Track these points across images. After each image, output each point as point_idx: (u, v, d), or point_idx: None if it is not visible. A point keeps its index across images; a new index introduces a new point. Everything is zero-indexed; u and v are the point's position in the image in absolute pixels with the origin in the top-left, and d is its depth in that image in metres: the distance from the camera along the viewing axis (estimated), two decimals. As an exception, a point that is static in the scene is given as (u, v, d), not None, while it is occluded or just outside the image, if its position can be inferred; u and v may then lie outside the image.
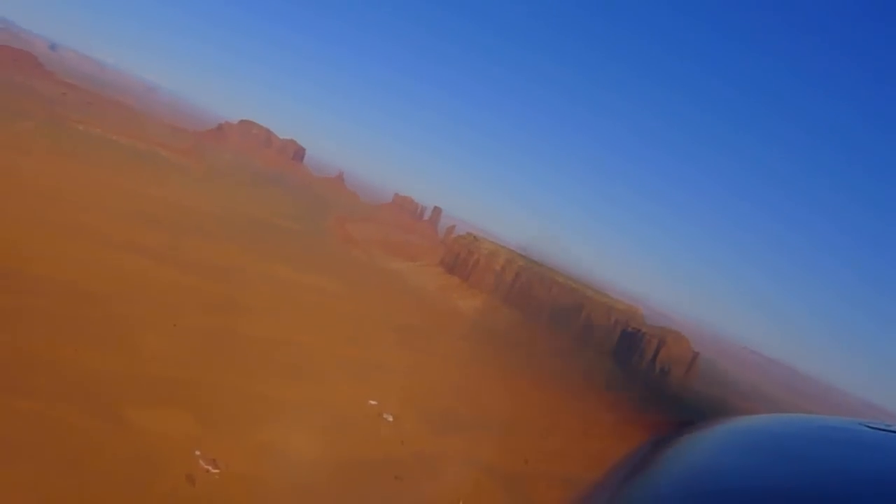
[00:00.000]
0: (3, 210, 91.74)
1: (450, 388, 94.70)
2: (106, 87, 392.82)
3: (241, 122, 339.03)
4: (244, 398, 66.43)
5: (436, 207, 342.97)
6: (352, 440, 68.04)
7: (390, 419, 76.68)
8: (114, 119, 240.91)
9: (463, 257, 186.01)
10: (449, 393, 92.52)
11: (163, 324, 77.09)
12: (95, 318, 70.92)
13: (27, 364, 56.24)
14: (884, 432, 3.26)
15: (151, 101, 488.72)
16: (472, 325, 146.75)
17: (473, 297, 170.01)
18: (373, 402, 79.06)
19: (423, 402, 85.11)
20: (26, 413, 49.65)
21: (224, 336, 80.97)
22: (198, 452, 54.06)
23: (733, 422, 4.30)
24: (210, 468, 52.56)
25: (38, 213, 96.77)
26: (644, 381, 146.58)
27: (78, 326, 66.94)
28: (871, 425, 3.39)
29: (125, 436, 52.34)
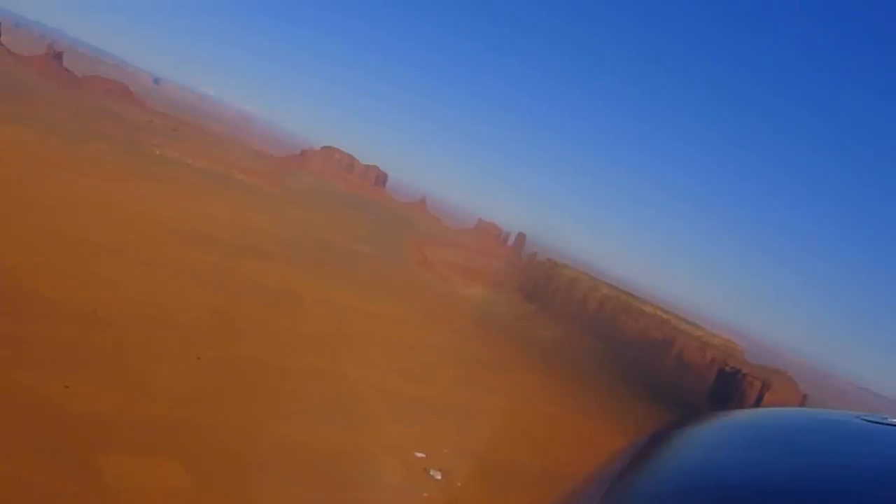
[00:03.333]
0: (35, 228, 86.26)
1: (515, 434, 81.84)
2: (201, 116, 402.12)
3: (324, 147, 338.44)
4: (257, 445, 56.18)
5: (520, 233, 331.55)
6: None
7: (438, 477, 64.61)
8: (196, 144, 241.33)
9: (542, 284, 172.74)
10: (513, 440, 79.69)
11: (184, 354, 68.28)
12: (104, 347, 62.67)
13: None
14: (880, 425, 3.26)
15: (244, 129, 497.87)
16: (549, 358, 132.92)
17: (552, 327, 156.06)
18: (419, 455, 67.32)
19: (484, 453, 72.54)
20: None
21: (255, 369, 71.44)
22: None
23: (729, 416, 4.07)
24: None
25: (74, 232, 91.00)
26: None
27: (78, 357, 58.72)
28: (867, 418, 3.38)
29: (91, 493, 42.80)
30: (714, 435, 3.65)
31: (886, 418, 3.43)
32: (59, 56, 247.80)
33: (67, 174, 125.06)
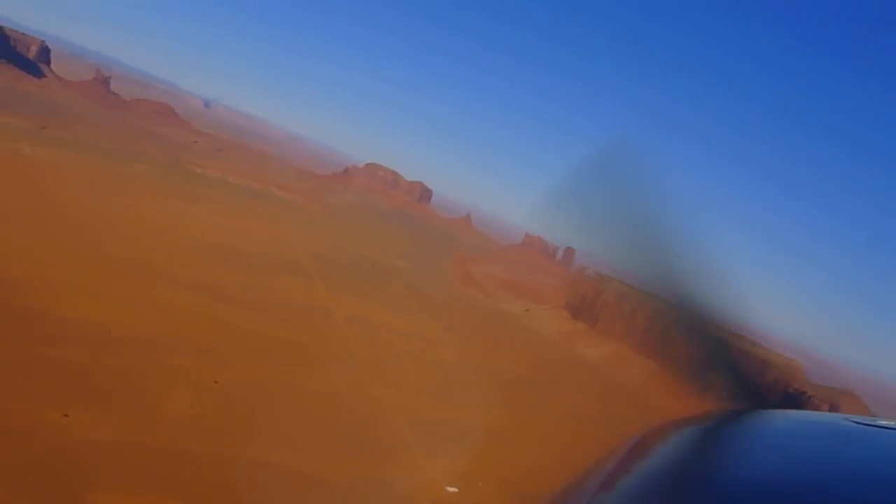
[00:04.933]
0: (58, 247, 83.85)
1: (558, 462, 75.00)
2: (248, 136, 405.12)
3: (368, 164, 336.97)
4: (269, 480, 51.34)
5: (569, 247, 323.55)
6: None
7: (470, 516, 58.83)
8: (239, 163, 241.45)
9: (590, 299, 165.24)
10: (557, 468, 72.85)
11: (200, 378, 64.03)
12: (113, 371, 58.85)
13: (-11, 432, 44.19)
14: (868, 427, 3.33)
15: (291, 148, 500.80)
16: (597, 378, 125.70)
17: (601, 344, 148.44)
18: (451, 490, 61.43)
19: (522, 485, 66.27)
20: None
21: (275, 393, 66.77)
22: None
23: (717, 417, 4.18)
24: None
25: (99, 250, 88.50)
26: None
27: (83, 382, 54.88)
28: (855, 420, 3.44)
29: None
30: (702, 436, 3.66)
31: (875, 420, 3.39)
32: (106, 81, 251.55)
33: (103, 193, 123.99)
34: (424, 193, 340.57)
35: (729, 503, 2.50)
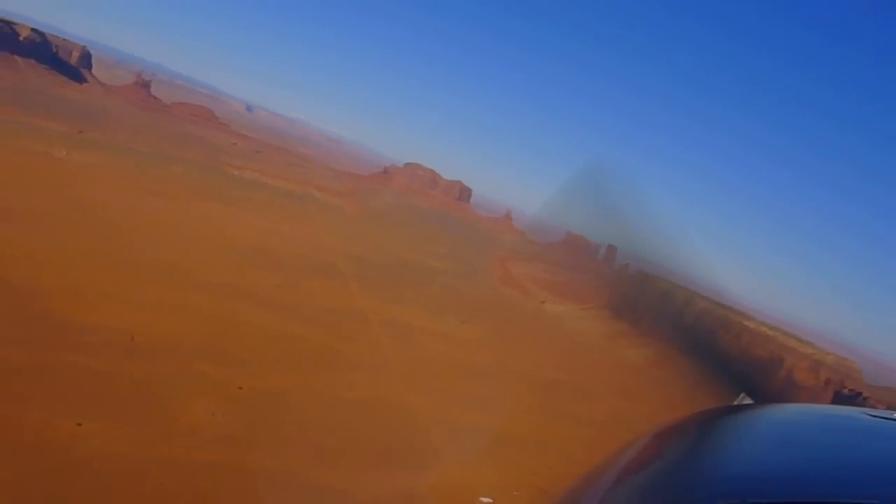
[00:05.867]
0: (87, 251, 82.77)
1: (600, 472, 71.12)
2: (288, 139, 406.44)
3: (407, 164, 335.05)
4: (291, 493, 48.61)
5: (610, 245, 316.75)
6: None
7: (505, 526, 55.32)
8: (277, 165, 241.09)
9: (633, 298, 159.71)
10: (599, 479, 69.00)
11: (224, 385, 61.72)
12: (134, 379, 56.86)
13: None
14: (885, 420, 3.33)
15: (331, 150, 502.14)
16: (641, 380, 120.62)
17: (644, 345, 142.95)
18: (485, 500, 57.91)
19: (561, 496, 62.36)
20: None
21: (303, 400, 64.08)
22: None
23: (731, 411, 4.23)
24: None
25: (129, 254, 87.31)
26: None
27: (100, 390, 52.89)
28: (872, 413, 3.45)
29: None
30: (717, 430, 3.62)
31: (891, 413, 3.39)
32: (146, 85, 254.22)
33: (137, 196, 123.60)
34: (464, 193, 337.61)
35: (743, 498, 2.42)
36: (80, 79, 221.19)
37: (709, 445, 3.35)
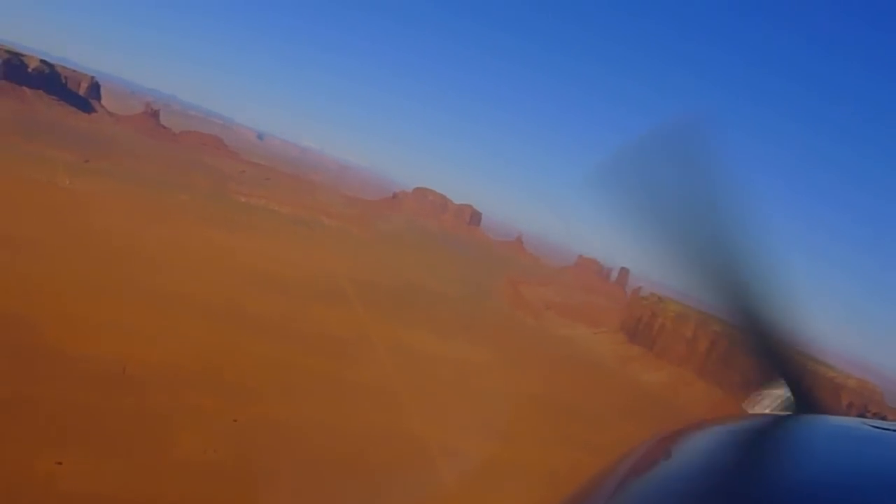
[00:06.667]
0: (84, 279, 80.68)
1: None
2: (298, 165, 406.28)
3: (417, 189, 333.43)
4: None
5: (623, 268, 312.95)
6: None
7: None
8: (285, 191, 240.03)
9: (646, 321, 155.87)
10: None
11: (218, 417, 58.95)
12: (122, 412, 54.13)
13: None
14: (889, 431, 3.33)
15: (341, 176, 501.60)
16: (658, 406, 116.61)
17: (659, 368, 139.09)
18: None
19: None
20: None
21: (301, 431, 61.11)
22: None
23: (733, 422, 4.13)
24: None
25: (128, 282, 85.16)
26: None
27: (86, 425, 50.22)
28: (875, 425, 3.44)
29: None
30: (718, 440, 3.61)
31: (895, 425, 3.39)
32: (155, 114, 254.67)
33: (141, 224, 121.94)
34: (474, 217, 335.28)
35: None
36: (88, 109, 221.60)
37: (709, 455, 3.26)
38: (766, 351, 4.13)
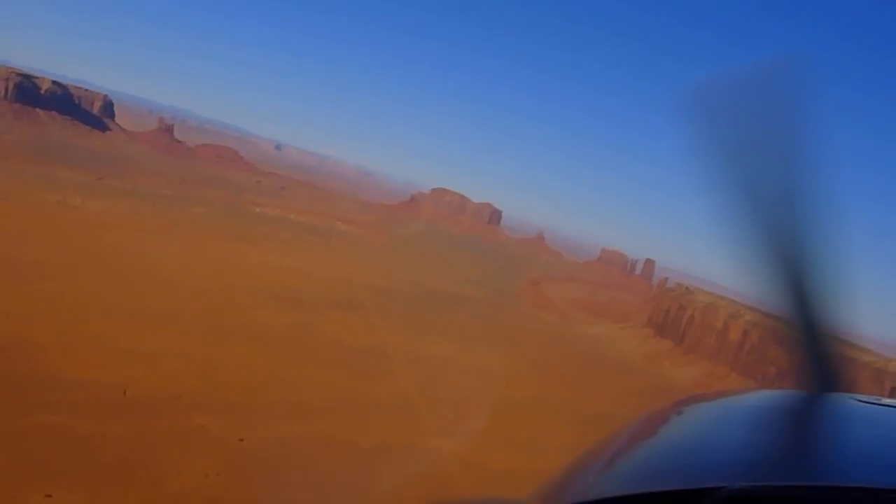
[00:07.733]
0: (87, 300, 78.51)
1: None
2: (316, 174, 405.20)
3: (434, 190, 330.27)
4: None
5: (648, 260, 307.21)
6: None
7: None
8: (301, 201, 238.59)
9: (674, 314, 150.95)
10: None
11: (223, 438, 56.12)
12: (120, 440, 51.51)
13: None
14: (874, 406, 3.28)
15: (359, 183, 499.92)
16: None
17: (690, 364, 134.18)
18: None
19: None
20: None
21: (311, 450, 58.07)
22: None
23: (719, 398, 4.02)
24: None
25: (133, 301, 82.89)
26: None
27: (80, 455, 47.61)
28: (861, 399, 3.38)
29: None
30: (706, 415, 3.59)
31: (880, 399, 3.37)
32: (169, 129, 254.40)
33: (153, 240, 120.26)
34: (494, 215, 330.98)
35: (730, 481, 2.32)
36: (103, 127, 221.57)
37: (698, 430, 3.24)
38: (804, 335, 3.65)
